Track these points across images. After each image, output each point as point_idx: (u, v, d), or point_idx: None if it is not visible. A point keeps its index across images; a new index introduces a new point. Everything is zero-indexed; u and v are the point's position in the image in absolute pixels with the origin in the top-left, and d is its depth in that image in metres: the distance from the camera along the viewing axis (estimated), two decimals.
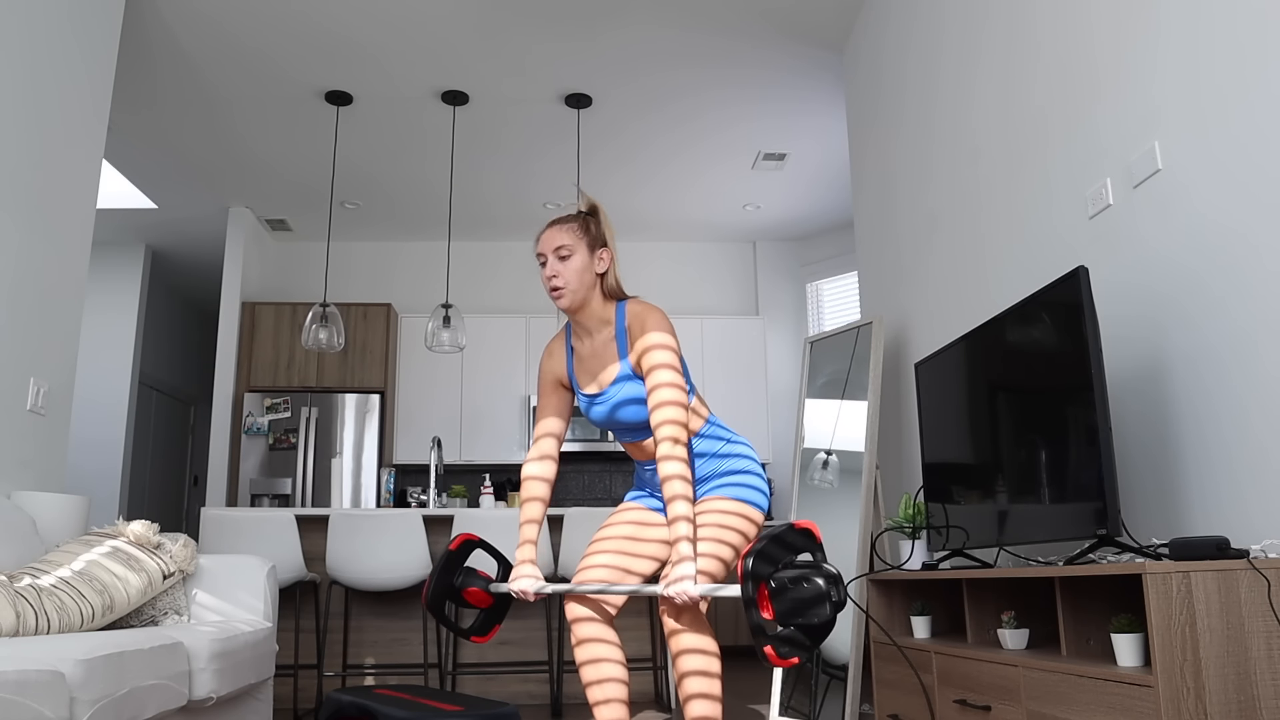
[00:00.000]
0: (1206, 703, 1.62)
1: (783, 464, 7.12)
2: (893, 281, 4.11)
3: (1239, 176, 1.98)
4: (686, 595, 1.93)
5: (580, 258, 2.21)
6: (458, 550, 2.39)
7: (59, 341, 3.51)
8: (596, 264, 2.23)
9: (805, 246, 7.51)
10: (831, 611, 1.77)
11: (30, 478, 3.31)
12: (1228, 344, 2.01)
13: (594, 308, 2.25)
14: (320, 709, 4.02)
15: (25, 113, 3.28)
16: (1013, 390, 2.44)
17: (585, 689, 2.14)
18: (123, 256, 7.35)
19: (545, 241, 2.23)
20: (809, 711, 3.41)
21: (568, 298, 2.20)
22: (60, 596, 2.52)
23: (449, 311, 5.16)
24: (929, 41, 3.67)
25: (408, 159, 5.96)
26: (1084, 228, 2.57)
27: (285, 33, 4.53)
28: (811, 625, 1.76)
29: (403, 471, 7.02)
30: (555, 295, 2.21)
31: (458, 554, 2.39)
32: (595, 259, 2.23)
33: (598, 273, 2.24)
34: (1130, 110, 2.36)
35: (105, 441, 7.02)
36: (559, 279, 2.19)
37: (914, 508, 3.07)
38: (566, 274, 2.19)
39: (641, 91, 5.14)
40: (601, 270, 2.24)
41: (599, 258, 2.24)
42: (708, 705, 2.04)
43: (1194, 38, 2.12)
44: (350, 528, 3.99)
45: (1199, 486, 2.09)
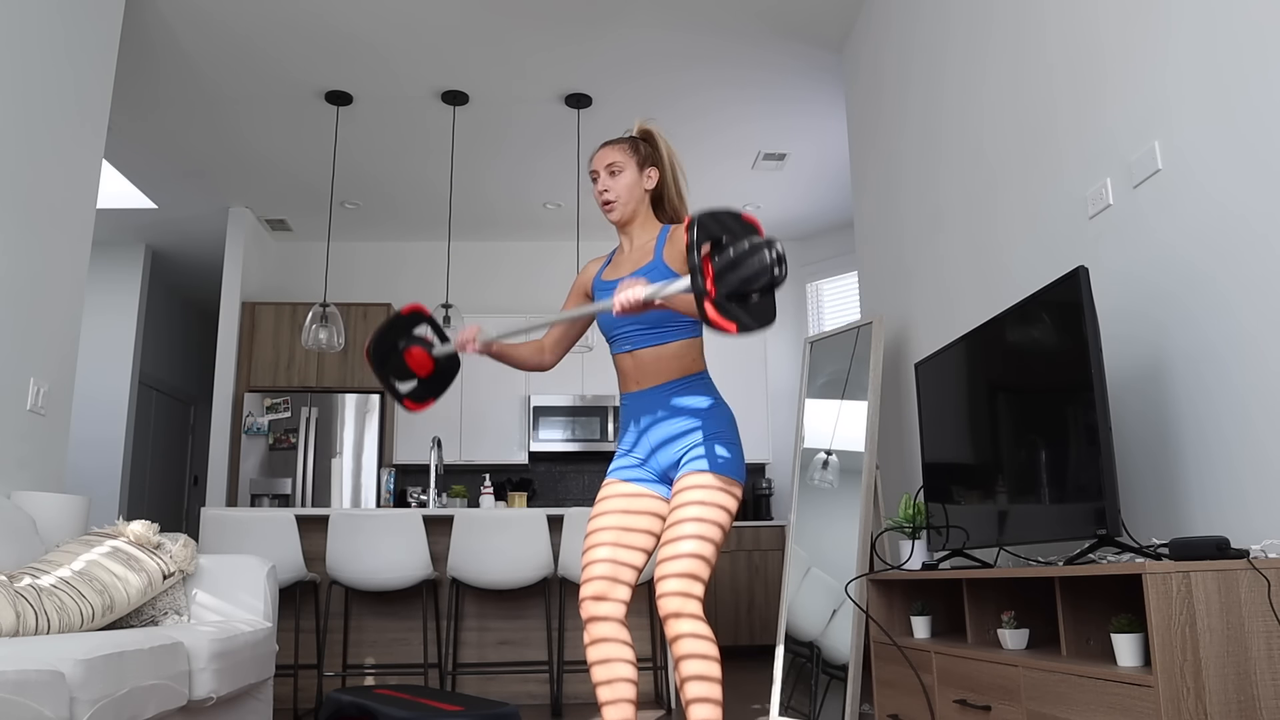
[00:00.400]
0: (1206, 703, 1.62)
1: (783, 464, 7.12)
2: (893, 281, 4.11)
3: (1239, 176, 1.98)
4: (632, 296, 2.02)
5: (630, 174, 2.35)
6: (408, 316, 2.42)
7: (59, 341, 3.51)
8: (645, 181, 2.37)
9: (805, 246, 7.51)
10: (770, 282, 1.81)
11: (30, 478, 3.31)
12: (1228, 343, 2.01)
13: (642, 220, 2.38)
14: (320, 709, 4.02)
15: (25, 113, 3.28)
16: (1013, 390, 2.44)
17: (595, 687, 2.16)
18: (123, 256, 7.35)
19: (598, 159, 2.38)
20: (809, 711, 3.41)
21: (618, 210, 2.35)
22: (60, 596, 2.52)
23: (449, 311, 5.16)
24: (929, 41, 3.67)
25: (408, 159, 5.97)
26: (1084, 228, 2.57)
27: (286, 32, 4.53)
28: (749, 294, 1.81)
29: (403, 471, 7.02)
30: (606, 208, 2.36)
31: (407, 319, 2.42)
32: (644, 176, 2.37)
33: (646, 189, 2.37)
34: (1130, 110, 2.36)
35: (105, 441, 7.02)
36: (610, 193, 2.34)
37: (914, 508, 3.07)
38: (617, 188, 2.34)
39: (641, 92, 5.14)
40: (649, 187, 2.38)
41: (647, 175, 2.37)
42: (709, 709, 2.06)
43: (1195, 37, 2.12)
44: (350, 528, 3.99)
45: (1199, 486, 2.09)
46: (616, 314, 2.07)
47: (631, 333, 2.31)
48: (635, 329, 2.30)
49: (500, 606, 4.43)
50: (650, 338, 2.29)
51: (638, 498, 2.31)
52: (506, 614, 4.42)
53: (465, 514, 4.05)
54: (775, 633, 6.33)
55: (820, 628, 3.49)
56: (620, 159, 2.35)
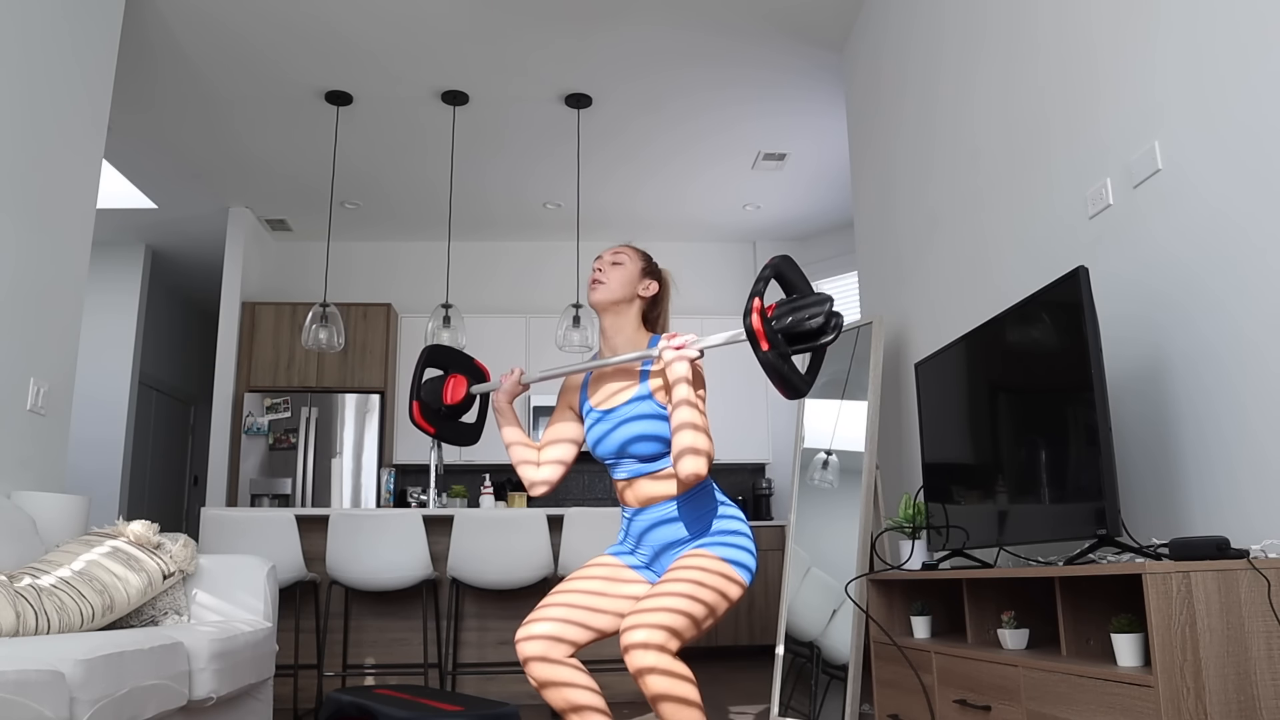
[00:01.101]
0: (1206, 703, 1.62)
1: (783, 464, 7.12)
2: (893, 281, 4.11)
3: (1239, 176, 1.98)
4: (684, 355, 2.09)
5: (630, 271, 2.33)
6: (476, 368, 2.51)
7: (59, 341, 3.51)
8: (640, 286, 2.33)
9: (805, 246, 7.51)
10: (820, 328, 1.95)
11: (30, 478, 3.31)
12: (1228, 343, 2.01)
13: (625, 322, 2.32)
14: (320, 709, 4.02)
15: (25, 113, 3.28)
16: (1013, 390, 2.44)
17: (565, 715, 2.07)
18: (123, 256, 7.35)
19: (607, 251, 2.37)
20: (809, 711, 3.41)
21: (601, 292, 2.29)
22: (60, 596, 2.52)
23: (449, 311, 5.16)
24: (929, 41, 3.67)
25: (408, 159, 5.97)
26: (1084, 227, 2.57)
27: (285, 32, 4.53)
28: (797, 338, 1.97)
29: (403, 471, 7.02)
30: (592, 287, 2.31)
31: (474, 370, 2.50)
32: (642, 283, 2.34)
33: (639, 294, 2.33)
34: (1130, 110, 2.36)
35: (105, 441, 7.03)
36: (602, 275, 2.31)
37: (914, 508, 3.07)
38: (611, 275, 2.31)
39: (641, 91, 5.14)
40: (644, 294, 2.34)
41: (645, 284, 2.35)
42: None
43: (1194, 37, 2.12)
44: (350, 528, 3.99)
45: (1199, 486, 2.09)
46: (666, 364, 2.11)
47: (626, 464, 2.25)
48: (630, 462, 2.24)
49: (500, 606, 4.42)
50: (646, 467, 2.23)
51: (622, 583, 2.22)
52: (506, 614, 4.42)
53: (465, 514, 4.05)
54: (775, 633, 6.33)
55: (820, 628, 3.49)
56: (628, 256, 2.35)
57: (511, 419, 2.43)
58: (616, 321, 2.32)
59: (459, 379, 2.46)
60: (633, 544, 2.29)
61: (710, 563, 2.10)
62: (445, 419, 2.48)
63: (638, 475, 2.24)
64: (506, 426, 2.43)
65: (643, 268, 2.35)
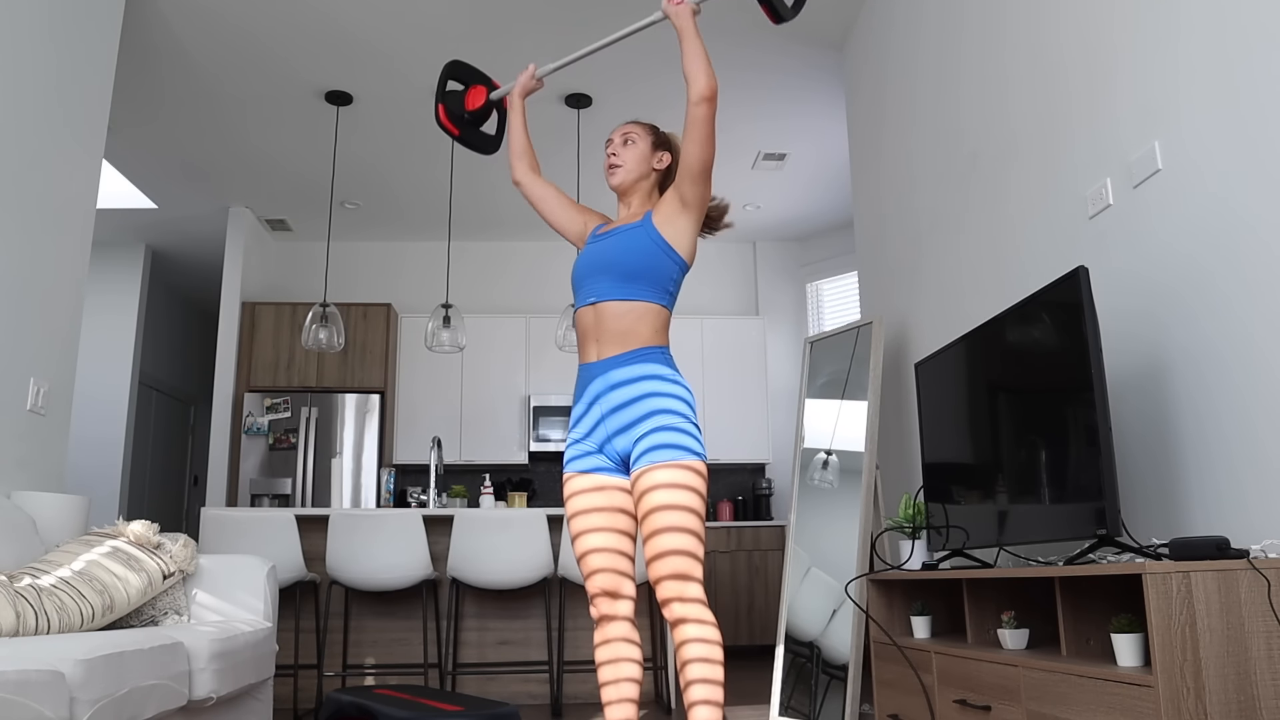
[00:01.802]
0: (1206, 703, 1.62)
1: (783, 464, 7.12)
2: (893, 281, 4.11)
3: (1240, 176, 1.98)
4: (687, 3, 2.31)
5: (642, 147, 2.39)
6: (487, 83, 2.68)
7: (59, 341, 3.51)
8: (655, 160, 2.40)
9: (805, 246, 7.51)
10: None
11: (30, 478, 3.32)
12: (1228, 343, 2.01)
13: (641, 197, 2.40)
14: (320, 709, 4.02)
15: (25, 112, 3.28)
16: (1013, 390, 2.44)
17: (600, 686, 2.17)
18: (123, 256, 7.35)
19: (617, 130, 2.43)
20: (809, 711, 3.41)
21: (619, 175, 2.38)
22: (60, 596, 2.52)
23: (449, 311, 5.16)
24: (929, 41, 3.67)
25: (408, 159, 5.97)
26: (1084, 228, 2.57)
27: (286, 32, 4.53)
28: None
29: (403, 471, 7.02)
30: (610, 171, 2.39)
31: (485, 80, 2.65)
32: (655, 156, 2.40)
33: (654, 168, 2.40)
34: (1131, 110, 2.36)
35: (105, 441, 7.02)
36: (617, 157, 2.39)
37: (914, 508, 3.07)
38: (625, 155, 2.38)
39: (642, 91, 5.14)
40: (659, 167, 2.40)
41: (658, 157, 2.40)
42: (709, 689, 2.04)
43: (1195, 36, 2.12)
44: (350, 528, 3.99)
45: (1199, 486, 2.09)
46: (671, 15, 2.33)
47: (601, 283, 2.26)
48: (606, 279, 2.26)
49: (500, 606, 4.43)
50: (619, 290, 2.24)
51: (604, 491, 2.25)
52: (506, 614, 4.42)
53: (465, 514, 4.05)
54: (775, 633, 6.33)
55: (820, 628, 3.49)
56: (637, 132, 2.40)
57: (520, 113, 2.59)
58: (631, 195, 2.41)
59: (478, 89, 2.61)
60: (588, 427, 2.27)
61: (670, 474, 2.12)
62: (468, 124, 2.64)
63: (606, 300, 2.25)
64: (515, 118, 2.59)
65: (653, 141, 2.41)
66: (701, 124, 2.21)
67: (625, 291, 2.24)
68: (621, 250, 2.25)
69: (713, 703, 2.04)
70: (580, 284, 2.32)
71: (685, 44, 2.28)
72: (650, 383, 2.19)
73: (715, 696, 2.05)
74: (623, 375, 2.21)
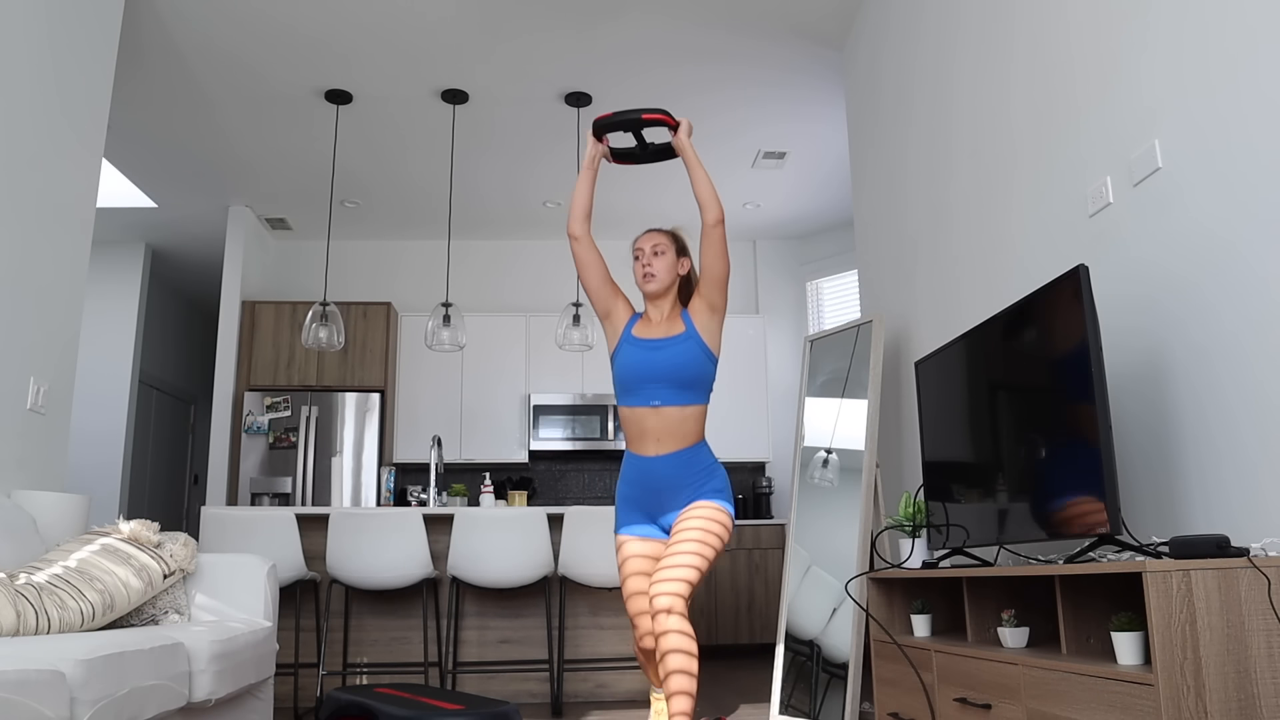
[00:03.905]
0: (1206, 701, 1.62)
1: (783, 463, 7.12)
2: (893, 280, 4.11)
3: (1240, 175, 1.98)
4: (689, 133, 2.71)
5: (670, 256, 2.75)
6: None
7: (59, 341, 3.51)
8: (679, 267, 2.77)
9: (805, 245, 7.51)
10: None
11: (30, 477, 3.32)
12: (1230, 340, 2.01)
13: (671, 298, 2.76)
14: (321, 708, 4.02)
15: (25, 112, 3.28)
16: (1013, 388, 2.44)
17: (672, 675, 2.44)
18: (123, 256, 7.35)
19: (644, 240, 2.77)
20: (809, 710, 3.41)
21: (655, 284, 2.72)
22: (60, 596, 2.52)
23: (449, 310, 5.16)
24: (930, 39, 3.67)
25: (408, 158, 5.96)
26: (1084, 226, 2.57)
27: (285, 31, 4.52)
28: None
29: (403, 470, 7.02)
30: (646, 279, 2.72)
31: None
32: (680, 263, 2.78)
33: (679, 273, 2.77)
34: (1130, 108, 2.36)
35: (105, 440, 7.03)
36: (652, 268, 2.73)
37: (914, 506, 3.07)
38: (658, 266, 2.73)
39: (641, 90, 5.14)
40: (682, 273, 2.78)
41: (681, 263, 2.78)
42: (684, 697, 2.36)
43: (1195, 36, 2.12)
44: (350, 526, 3.99)
45: (1199, 484, 2.09)
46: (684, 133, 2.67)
47: (661, 390, 2.64)
48: (666, 388, 2.64)
49: (500, 605, 4.43)
50: (678, 397, 2.64)
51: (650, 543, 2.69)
52: (506, 613, 4.42)
53: (465, 513, 4.05)
54: (775, 631, 6.33)
55: (820, 626, 3.49)
56: (664, 242, 2.75)
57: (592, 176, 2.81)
58: (663, 299, 2.75)
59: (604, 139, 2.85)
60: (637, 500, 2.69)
61: (712, 507, 2.60)
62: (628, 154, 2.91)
63: (670, 403, 2.63)
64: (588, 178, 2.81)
65: (676, 249, 2.77)
66: (720, 241, 2.64)
67: (684, 398, 2.65)
68: (679, 365, 2.64)
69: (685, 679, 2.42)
70: (637, 386, 2.67)
71: (695, 172, 2.66)
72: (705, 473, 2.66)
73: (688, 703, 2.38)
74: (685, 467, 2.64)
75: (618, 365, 2.71)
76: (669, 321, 2.72)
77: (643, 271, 2.73)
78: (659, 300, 2.74)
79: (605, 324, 2.80)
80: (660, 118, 2.72)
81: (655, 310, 2.76)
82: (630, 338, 2.72)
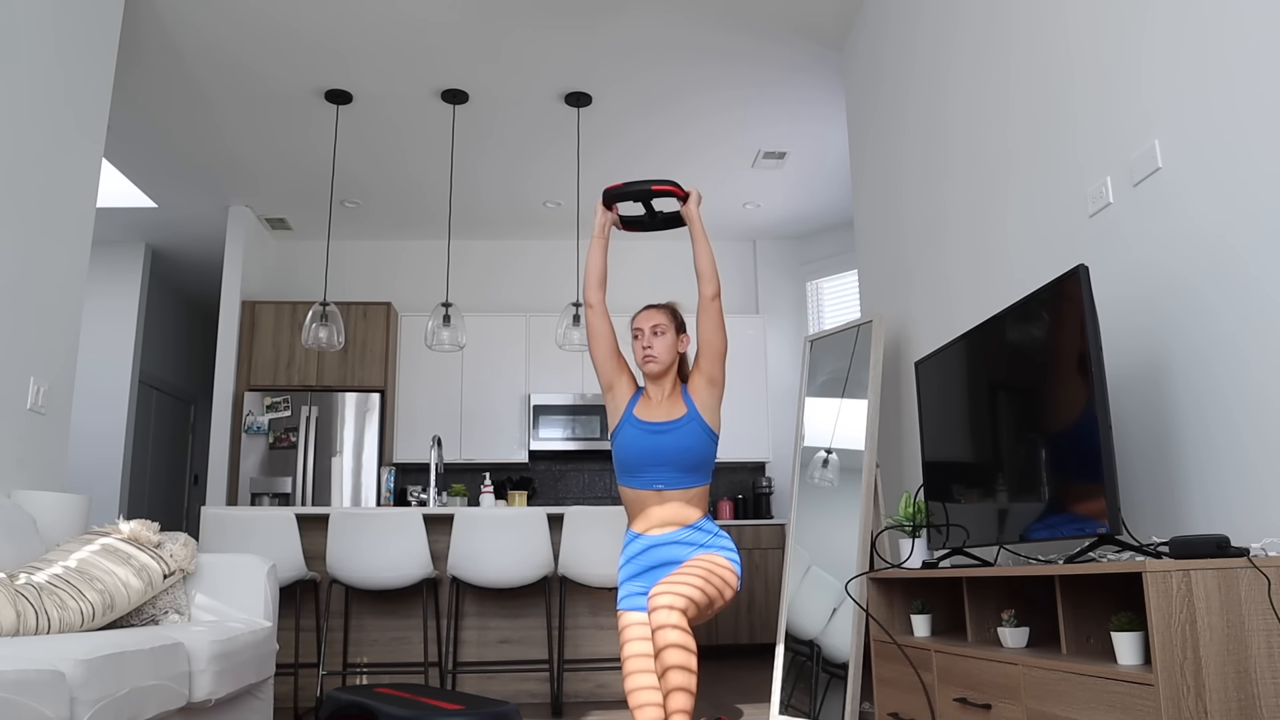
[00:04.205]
0: (1207, 701, 1.62)
1: (783, 463, 7.12)
2: (893, 280, 4.11)
3: (1240, 175, 1.98)
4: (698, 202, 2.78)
5: (670, 337, 2.75)
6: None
7: (59, 341, 3.51)
8: (679, 344, 2.78)
9: (805, 245, 7.51)
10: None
11: (30, 477, 3.32)
12: (1229, 340, 2.01)
13: (671, 377, 2.76)
14: (321, 707, 4.02)
15: (25, 112, 3.27)
16: (1013, 388, 2.44)
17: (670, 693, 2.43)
18: (123, 256, 7.35)
19: (644, 319, 2.77)
20: (809, 710, 3.41)
21: (656, 364, 2.72)
22: (60, 596, 2.52)
23: (449, 310, 5.16)
24: (930, 39, 3.67)
25: (408, 158, 5.96)
26: (1084, 226, 2.57)
27: (285, 31, 4.52)
28: None
29: (403, 470, 7.02)
30: (648, 360, 2.72)
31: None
32: (679, 340, 2.78)
33: (679, 350, 2.78)
34: (1130, 108, 2.36)
35: (105, 440, 7.03)
36: (653, 350, 2.73)
37: (914, 506, 3.07)
38: (659, 346, 2.73)
39: (641, 90, 5.14)
40: (682, 349, 2.79)
41: (681, 339, 2.79)
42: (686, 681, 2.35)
43: (1195, 35, 2.12)
44: (350, 526, 3.99)
45: (1199, 484, 2.09)
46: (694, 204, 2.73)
47: (665, 474, 2.65)
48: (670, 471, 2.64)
49: (500, 605, 4.43)
50: (682, 480, 2.65)
51: None
52: (506, 613, 4.42)
53: (465, 513, 4.05)
54: (775, 631, 6.33)
55: (820, 626, 3.49)
56: (664, 322, 2.75)
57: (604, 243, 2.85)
58: (663, 378, 2.75)
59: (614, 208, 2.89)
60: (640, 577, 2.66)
61: (718, 564, 2.57)
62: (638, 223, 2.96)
63: (674, 487, 2.64)
64: (601, 246, 2.84)
65: (675, 327, 2.77)
66: (719, 315, 2.69)
67: (688, 481, 2.67)
68: (682, 449, 2.64)
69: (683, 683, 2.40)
70: (639, 469, 2.67)
71: (699, 244, 2.71)
72: (705, 549, 2.64)
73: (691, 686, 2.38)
74: (686, 544, 2.65)
75: (619, 446, 2.70)
76: (670, 402, 2.72)
77: (643, 353, 2.73)
78: (660, 380, 2.74)
79: (607, 396, 2.79)
80: (670, 189, 2.73)
81: (656, 390, 2.76)
82: (632, 418, 2.71)
